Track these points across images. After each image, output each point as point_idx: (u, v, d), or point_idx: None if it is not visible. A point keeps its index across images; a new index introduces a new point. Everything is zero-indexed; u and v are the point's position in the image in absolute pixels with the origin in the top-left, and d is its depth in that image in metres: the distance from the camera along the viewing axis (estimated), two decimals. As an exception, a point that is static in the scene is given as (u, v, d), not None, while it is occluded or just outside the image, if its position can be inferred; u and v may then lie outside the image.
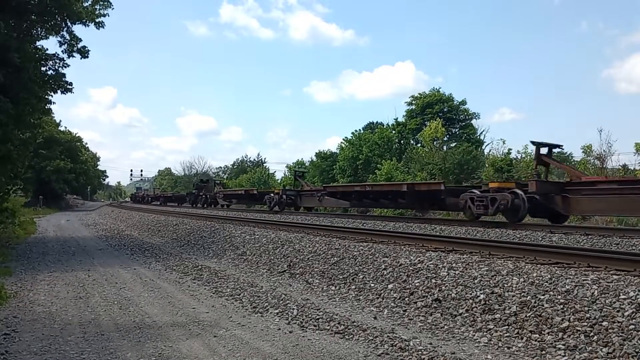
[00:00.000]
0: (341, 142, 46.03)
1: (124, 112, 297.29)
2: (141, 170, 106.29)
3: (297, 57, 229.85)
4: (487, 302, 5.52)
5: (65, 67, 14.42)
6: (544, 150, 14.12)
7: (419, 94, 46.09)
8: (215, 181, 40.84)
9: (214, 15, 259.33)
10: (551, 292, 5.19)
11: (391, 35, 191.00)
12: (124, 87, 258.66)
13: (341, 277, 7.86)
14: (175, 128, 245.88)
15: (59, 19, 13.80)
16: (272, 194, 25.27)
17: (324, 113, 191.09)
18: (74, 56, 14.49)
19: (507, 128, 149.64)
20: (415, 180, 24.72)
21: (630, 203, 10.77)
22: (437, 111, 41.88)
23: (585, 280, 5.32)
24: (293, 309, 6.39)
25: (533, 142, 14.44)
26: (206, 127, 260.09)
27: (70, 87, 14.56)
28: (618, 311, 4.54)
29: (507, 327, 5.03)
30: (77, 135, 60.15)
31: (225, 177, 71.36)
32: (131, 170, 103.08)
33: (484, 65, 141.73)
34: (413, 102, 45.38)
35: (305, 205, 24.72)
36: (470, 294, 5.79)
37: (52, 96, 14.92)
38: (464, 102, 44.10)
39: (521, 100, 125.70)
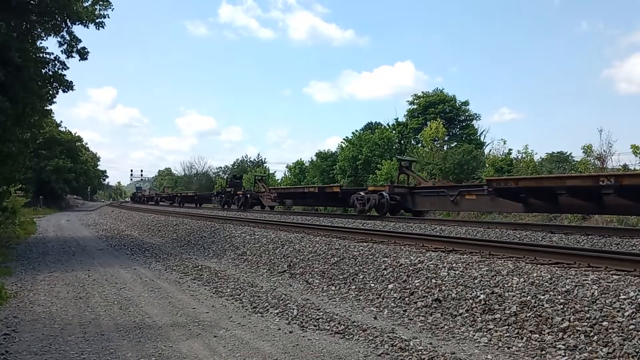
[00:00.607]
0: (341, 142, 46.06)
1: (124, 112, 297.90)
2: (141, 171, 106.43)
3: (297, 57, 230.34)
4: (487, 302, 5.52)
5: (65, 69, 14.44)
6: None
7: (422, 92, 46.12)
8: (255, 177, 34.44)
9: (213, 15, 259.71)
10: (551, 292, 5.19)
11: (391, 35, 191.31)
12: (123, 87, 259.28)
13: (341, 277, 7.86)
14: (175, 128, 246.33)
15: (59, 19, 13.81)
16: (362, 193, 18.03)
17: (324, 113, 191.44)
18: (73, 57, 14.50)
19: (507, 128, 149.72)
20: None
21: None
22: (440, 111, 41.85)
23: (586, 280, 5.32)
24: (293, 309, 6.39)
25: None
26: (206, 127, 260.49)
27: (70, 85, 14.57)
28: (618, 311, 4.53)
29: (507, 327, 5.03)
30: (77, 135, 60.20)
31: (225, 177, 71.32)
32: (131, 170, 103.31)
33: (483, 66, 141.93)
34: (415, 101, 45.34)
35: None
36: (471, 294, 5.79)
37: (53, 96, 14.93)
38: (466, 103, 44.12)
39: (521, 100, 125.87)
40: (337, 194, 20.83)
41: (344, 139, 45.18)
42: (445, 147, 34.12)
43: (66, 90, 14.61)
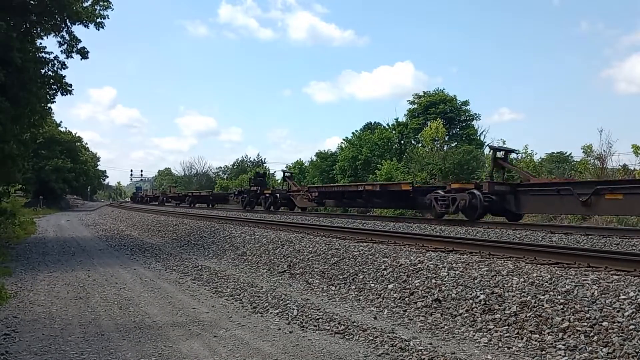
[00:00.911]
0: (341, 142, 46.09)
1: (124, 112, 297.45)
2: (141, 171, 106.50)
3: (297, 57, 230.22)
4: (487, 302, 5.52)
5: (64, 68, 14.44)
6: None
7: (423, 92, 46.11)
8: (284, 174, 30.07)
9: (212, 16, 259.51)
10: (551, 292, 5.19)
11: (390, 35, 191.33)
12: (123, 87, 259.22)
13: (341, 277, 7.86)
14: (175, 128, 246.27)
15: (59, 19, 13.81)
16: (441, 192, 14.90)
17: (324, 113, 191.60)
18: (72, 57, 14.51)
19: (507, 128, 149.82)
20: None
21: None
22: (440, 111, 41.84)
23: (586, 280, 5.32)
24: (293, 309, 6.38)
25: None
26: (206, 127, 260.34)
27: (70, 88, 14.59)
28: (618, 311, 4.53)
29: (507, 327, 5.03)
30: (77, 135, 60.21)
31: (225, 177, 71.33)
32: (131, 171, 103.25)
33: (483, 66, 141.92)
34: (416, 101, 45.33)
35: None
36: (471, 294, 5.79)
37: (52, 97, 14.93)
38: (466, 103, 44.12)
39: (520, 100, 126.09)
40: (407, 193, 17.08)
41: (343, 139, 45.25)
42: (445, 147, 34.10)
43: (65, 93, 14.62)
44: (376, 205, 21.26)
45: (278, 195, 26.32)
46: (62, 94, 14.65)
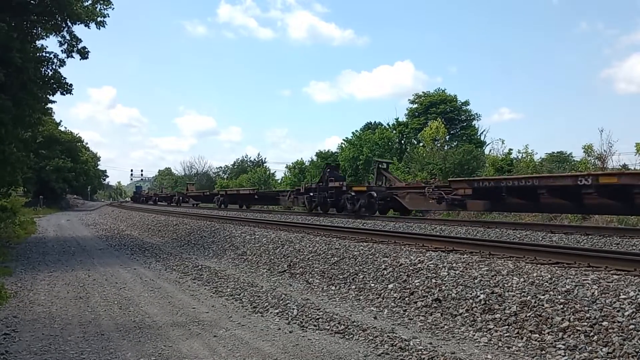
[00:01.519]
0: (341, 143, 46.10)
1: (124, 112, 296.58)
2: (141, 170, 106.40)
3: (296, 57, 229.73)
4: (487, 302, 5.52)
5: (63, 65, 14.45)
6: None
7: (424, 92, 46.12)
8: (379, 165, 21.99)
9: (212, 15, 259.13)
10: (551, 292, 5.19)
11: (390, 34, 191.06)
12: (123, 86, 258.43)
13: (341, 277, 7.86)
14: (175, 128, 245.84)
15: (59, 19, 13.82)
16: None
17: (323, 113, 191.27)
18: (73, 57, 14.52)
19: (507, 128, 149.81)
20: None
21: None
22: (441, 111, 41.85)
23: (586, 280, 5.32)
24: (293, 308, 6.38)
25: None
26: (205, 127, 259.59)
27: (70, 88, 14.59)
28: (618, 311, 4.53)
29: (507, 327, 5.03)
30: (77, 135, 60.23)
31: (225, 177, 71.35)
32: (131, 170, 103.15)
33: (483, 65, 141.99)
34: (416, 100, 45.33)
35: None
36: (471, 294, 5.78)
37: (52, 97, 14.95)
38: (466, 103, 44.14)
39: (520, 100, 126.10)
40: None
41: (344, 139, 45.26)
42: (446, 147, 34.09)
43: (64, 93, 14.63)
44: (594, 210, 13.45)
45: (374, 194, 18.59)
46: (61, 94, 14.66)
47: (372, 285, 7.15)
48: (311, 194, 21.97)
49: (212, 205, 36.84)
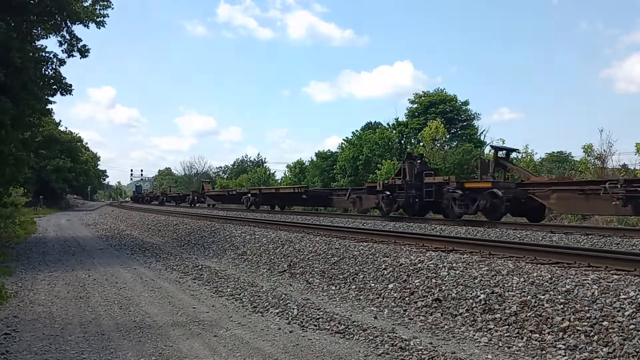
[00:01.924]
0: (341, 142, 46.06)
1: (123, 112, 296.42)
2: (141, 170, 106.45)
3: (296, 56, 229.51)
4: (487, 302, 5.52)
5: (63, 65, 14.44)
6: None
7: (424, 92, 46.09)
8: (498, 151, 16.79)
9: (211, 15, 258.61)
10: (551, 292, 5.19)
11: (390, 34, 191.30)
12: (122, 86, 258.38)
13: (341, 276, 7.86)
14: (175, 128, 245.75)
15: (59, 19, 13.82)
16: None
17: (323, 113, 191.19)
18: (74, 56, 14.51)
19: (506, 128, 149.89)
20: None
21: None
22: (441, 111, 41.83)
23: (586, 280, 5.32)
24: (293, 308, 6.38)
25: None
26: (205, 127, 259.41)
27: (70, 88, 14.58)
28: (618, 311, 4.53)
29: (507, 326, 5.03)
30: (77, 135, 60.27)
31: (225, 177, 71.34)
32: (131, 170, 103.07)
33: (482, 65, 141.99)
34: (416, 100, 45.32)
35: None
36: (471, 294, 5.78)
37: (52, 97, 14.93)
38: (466, 103, 44.12)
39: (520, 100, 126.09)
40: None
41: (344, 139, 45.23)
42: (446, 147, 34.09)
43: (64, 93, 14.62)
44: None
45: (500, 192, 13.46)
46: (61, 94, 14.65)
47: (372, 285, 7.15)
48: (387, 192, 17.21)
49: (235, 206, 31.71)
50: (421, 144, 38.20)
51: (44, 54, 14.41)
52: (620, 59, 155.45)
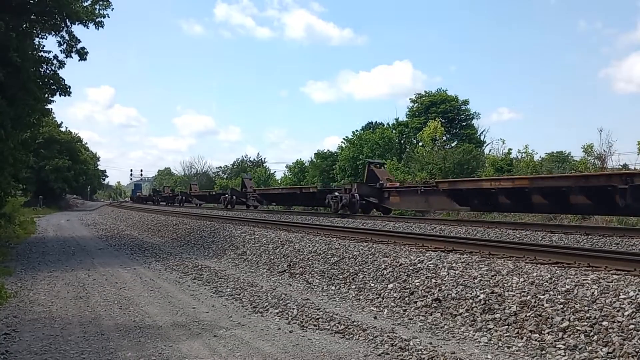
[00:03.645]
0: (341, 142, 46.08)
1: (122, 112, 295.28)
2: (141, 170, 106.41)
3: (294, 56, 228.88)
4: (487, 302, 5.52)
5: (62, 66, 14.43)
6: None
7: (425, 92, 46.10)
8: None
9: (208, 15, 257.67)
10: (551, 292, 5.19)
11: (389, 34, 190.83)
12: (121, 86, 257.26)
13: (341, 276, 7.86)
14: (173, 128, 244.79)
15: (58, 19, 13.80)
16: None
17: (322, 113, 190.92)
18: (72, 57, 14.50)
19: (506, 128, 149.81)
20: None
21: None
22: (441, 111, 41.84)
23: (585, 280, 5.32)
24: (293, 308, 6.39)
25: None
26: (204, 126, 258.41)
27: (69, 90, 14.58)
28: (618, 311, 4.53)
29: (507, 326, 5.03)
30: (77, 135, 60.24)
31: (225, 177, 71.32)
32: (131, 170, 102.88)
33: (482, 65, 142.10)
34: (417, 100, 45.32)
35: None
36: (470, 294, 5.79)
37: (51, 98, 14.93)
38: (466, 102, 44.12)
39: (519, 99, 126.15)
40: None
41: (344, 139, 45.25)
42: (446, 147, 34.10)
43: (63, 94, 14.61)
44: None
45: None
46: (60, 95, 14.64)
47: (372, 285, 7.15)
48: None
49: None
50: (421, 143, 38.24)
51: (43, 53, 14.42)
52: (619, 59, 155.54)
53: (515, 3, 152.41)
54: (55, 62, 14.28)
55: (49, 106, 15.59)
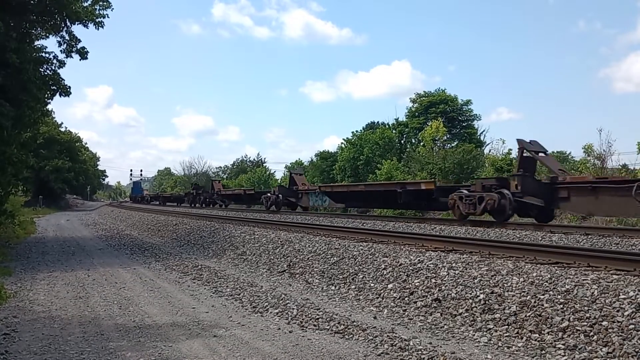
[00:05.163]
0: (341, 143, 46.09)
1: (121, 112, 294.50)
2: (141, 170, 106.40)
3: (293, 56, 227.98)
4: (487, 302, 5.52)
5: (62, 66, 14.44)
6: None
7: (425, 92, 46.11)
8: None
9: (206, 14, 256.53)
10: (551, 292, 5.19)
11: (388, 34, 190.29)
12: (120, 86, 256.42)
13: (341, 276, 7.86)
14: (173, 128, 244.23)
15: (58, 19, 13.81)
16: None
17: (321, 113, 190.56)
18: (72, 57, 14.50)
19: (505, 128, 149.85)
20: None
21: None
22: (441, 111, 41.84)
23: (585, 280, 5.32)
24: (293, 308, 6.38)
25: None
26: (203, 126, 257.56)
27: (68, 90, 14.58)
28: (618, 311, 4.53)
29: (507, 326, 5.03)
30: (77, 135, 60.25)
31: (225, 177, 71.28)
32: (131, 170, 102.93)
33: (481, 65, 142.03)
34: (417, 100, 45.31)
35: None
36: (470, 294, 5.79)
37: (50, 97, 14.92)
38: (468, 103, 44.11)
39: (519, 99, 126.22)
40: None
41: (344, 140, 45.26)
42: (446, 147, 34.10)
43: (63, 94, 14.61)
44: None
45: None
46: (60, 95, 14.64)
47: (372, 285, 7.15)
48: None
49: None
50: (421, 143, 38.23)
51: (43, 54, 14.41)
52: (618, 59, 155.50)
53: (515, 3, 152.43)
54: (55, 62, 14.29)
55: (49, 106, 15.60)
